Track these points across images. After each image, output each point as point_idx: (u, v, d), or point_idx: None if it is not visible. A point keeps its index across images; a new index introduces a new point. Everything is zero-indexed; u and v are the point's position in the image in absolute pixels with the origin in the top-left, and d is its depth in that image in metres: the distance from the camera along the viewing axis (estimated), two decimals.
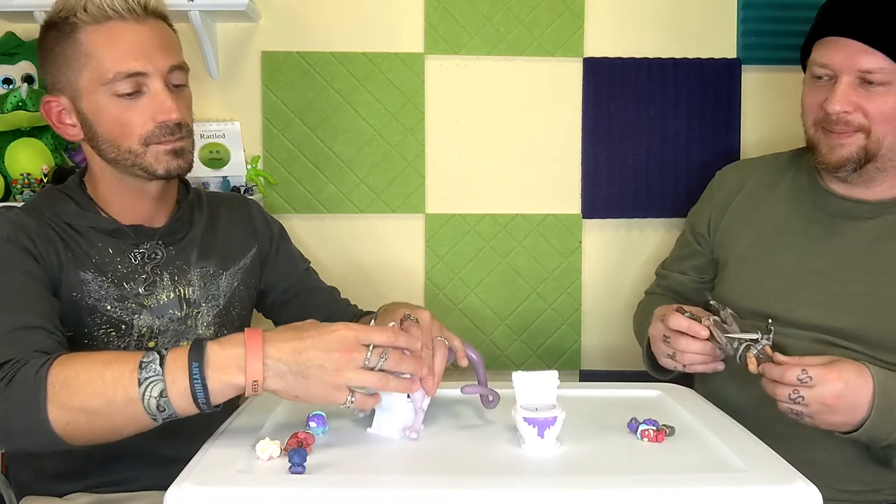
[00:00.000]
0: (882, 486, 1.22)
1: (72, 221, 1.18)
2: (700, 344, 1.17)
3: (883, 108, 1.16)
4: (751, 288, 1.29)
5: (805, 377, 1.04)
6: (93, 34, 1.11)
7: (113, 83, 1.11)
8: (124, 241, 1.20)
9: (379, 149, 1.73)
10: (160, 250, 1.23)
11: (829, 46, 1.19)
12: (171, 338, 1.21)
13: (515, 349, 1.78)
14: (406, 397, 0.95)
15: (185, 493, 0.79)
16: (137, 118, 1.13)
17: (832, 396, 1.05)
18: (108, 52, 1.10)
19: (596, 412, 1.06)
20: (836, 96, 1.17)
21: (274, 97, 1.70)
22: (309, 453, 0.87)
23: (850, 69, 1.17)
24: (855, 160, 1.20)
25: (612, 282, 1.78)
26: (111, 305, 1.17)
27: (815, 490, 0.80)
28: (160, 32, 1.15)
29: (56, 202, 1.20)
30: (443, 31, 1.72)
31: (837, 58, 1.18)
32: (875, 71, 1.15)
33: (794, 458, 0.88)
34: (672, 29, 1.74)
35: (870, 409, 1.06)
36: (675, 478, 0.84)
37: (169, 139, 1.15)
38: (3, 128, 1.59)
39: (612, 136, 1.74)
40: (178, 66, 1.16)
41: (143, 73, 1.12)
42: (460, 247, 1.76)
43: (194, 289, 1.25)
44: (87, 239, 1.18)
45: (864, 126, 1.18)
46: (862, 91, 1.17)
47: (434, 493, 0.80)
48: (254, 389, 0.90)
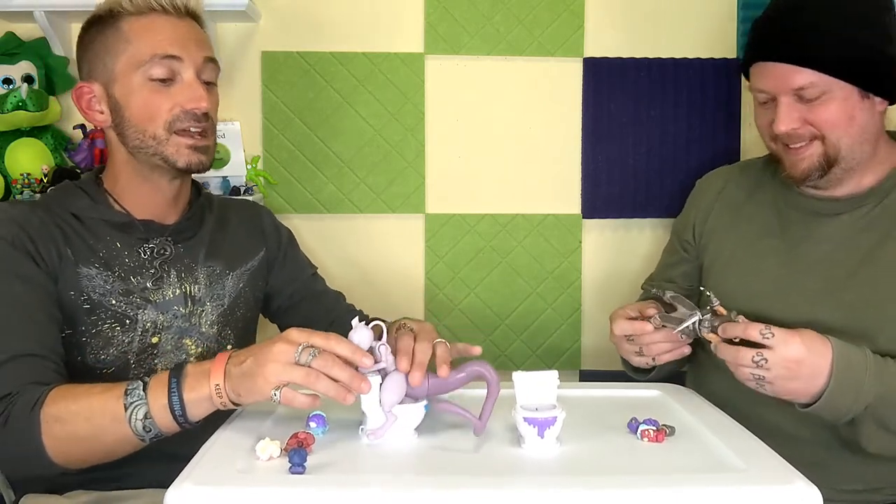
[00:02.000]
0: (882, 485, 1.22)
1: (82, 214, 1.21)
2: (660, 334, 1.19)
3: (827, 116, 1.20)
4: (737, 291, 1.30)
5: (768, 333, 1.05)
6: (134, 23, 1.18)
7: (149, 65, 1.17)
8: (133, 235, 1.23)
9: (379, 149, 1.73)
10: (169, 247, 1.25)
11: (761, 72, 1.24)
12: (174, 334, 1.22)
13: (515, 349, 1.78)
14: (378, 402, 0.94)
15: (185, 493, 0.79)
16: (166, 104, 1.18)
17: (794, 360, 1.06)
18: (146, 38, 1.17)
19: (596, 412, 1.06)
20: (780, 118, 1.21)
21: (274, 97, 1.70)
22: (309, 453, 0.87)
23: (784, 90, 1.20)
24: (818, 168, 1.23)
25: (612, 282, 1.78)
26: (116, 300, 1.18)
27: (816, 490, 0.80)
28: (196, 30, 1.22)
29: (68, 195, 1.23)
30: (443, 31, 1.72)
31: (770, 82, 1.22)
32: (807, 87, 1.19)
33: (794, 457, 0.88)
34: (672, 29, 1.74)
35: (829, 377, 1.07)
36: (675, 478, 0.84)
37: (193, 131, 1.19)
38: (3, 128, 1.59)
39: (612, 136, 1.74)
40: (211, 59, 1.22)
41: (178, 58, 1.17)
42: (460, 247, 1.76)
43: (200, 286, 1.26)
44: (94, 233, 1.20)
45: (818, 135, 1.21)
46: (803, 106, 1.21)
47: (434, 492, 0.80)
48: (219, 396, 0.97)
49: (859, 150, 1.22)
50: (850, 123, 1.20)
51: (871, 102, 1.21)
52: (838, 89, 1.18)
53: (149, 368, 1.20)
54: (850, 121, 1.20)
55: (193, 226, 1.30)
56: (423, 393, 0.96)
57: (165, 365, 1.22)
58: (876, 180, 1.26)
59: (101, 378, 1.18)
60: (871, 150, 1.24)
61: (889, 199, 1.25)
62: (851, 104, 1.19)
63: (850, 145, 1.21)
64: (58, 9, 1.57)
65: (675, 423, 1.00)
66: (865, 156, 1.24)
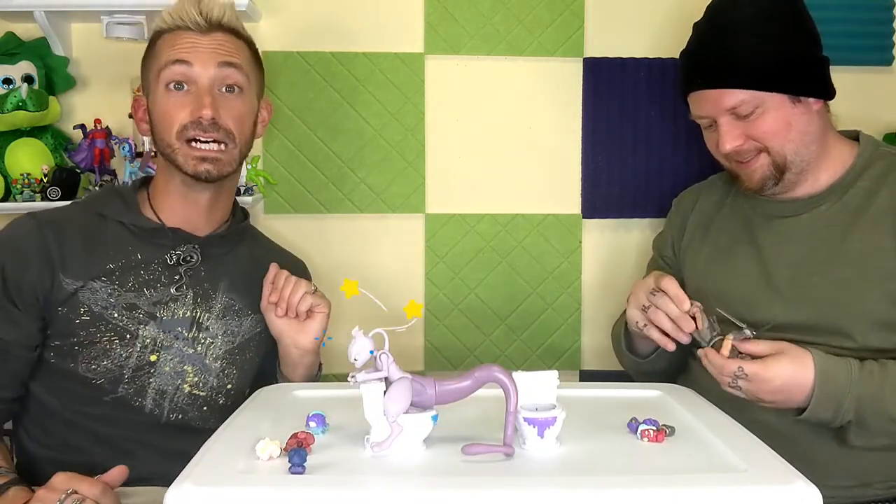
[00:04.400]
0: (873, 480, 1.23)
1: (110, 217, 1.25)
2: (678, 311, 1.23)
3: (765, 128, 1.26)
4: (715, 299, 1.33)
5: (742, 373, 1.13)
6: (166, 38, 1.25)
7: (165, 72, 1.22)
8: (160, 241, 1.25)
9: (379, 149, 1.73)
10: (195, 254, 1.27)
11: (697, 100, 1.32)
12: (174, 356, 1.23)
13: (515, 349, 1.78)
14: (381, 412, 0.90)
15: (185, 493, 0.79)
16: (178, 112, 1.22)
17: (768, 396, 1.15)
18: (168, 48, 1.24)
19: (596, 412, 1.06)
20: (723, 139, 1.28)
21: (274, 97, 1.70)
22: (309, 453, 0.87)
23: (720, 112, 1.27)
24: (771, 177, 1.29)
25: (612, 282, 1.78)
26: (119, 313, 1.20)
27: (815, 490, 0.80)
28: (221, 42, 1.25)
29: (103, 197, 1.30)
30: (443, 31, 1.72)
31: (706, 107, 1.29)
32: (739, 105, 1.25)
33: (783, 454, 0.89)
34: (672, 29, 1.73)
35: (810, 396, 1.14)
36: (675, 478, 0.84)
37: (200, 140, 1.22)
38: (3, 128, 1.59)
39: (612, 136, 1.74)
40: (229, 63, 1.24)
41: (188, 63, 1.21)
42: (460, 247, 1.76)
43: (211, 316, 1.27)
44: (116, 242, 1.23)
45: (762, 147, 1.27)
46: (742, 123, 1.27)
47: (434, 492, 0.80)
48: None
49: (805, 152, 1.28)
50: (789, 130, 1.26)
51: (806, 105, 1.26)
52: (769, 100, 1.24)
53: (141, 386, 1.21)
54: (788, 127, 1.26)
55: (224, 244, 1.32)
56: (431, 401, 0.92)
57: (160, 386, 1.22)
58: (832, 178, 1.30)
59: (92, 387, 1.19)
60: (818, 150, 1.29)
61: (848, 196, 1.29)
62: (785, 112, 1.25)
63: (794, 150, 1.27)
64: (58, 9, 1.57)
65: (675, 423, 1.00)
66: (813, 156, 1.29)
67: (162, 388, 1.22)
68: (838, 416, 1.15)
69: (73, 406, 1.21)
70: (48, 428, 1.23)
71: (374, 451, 0.90)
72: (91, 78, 1.70)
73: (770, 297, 1.29)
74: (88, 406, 1.21)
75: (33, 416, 1.25)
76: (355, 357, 0.91)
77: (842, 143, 1.33)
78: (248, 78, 1.27)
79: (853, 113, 1.36)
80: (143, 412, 1.22)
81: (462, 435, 0.96)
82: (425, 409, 0.92)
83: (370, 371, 0.92)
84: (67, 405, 1.21)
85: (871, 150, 1.31)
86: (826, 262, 1.26)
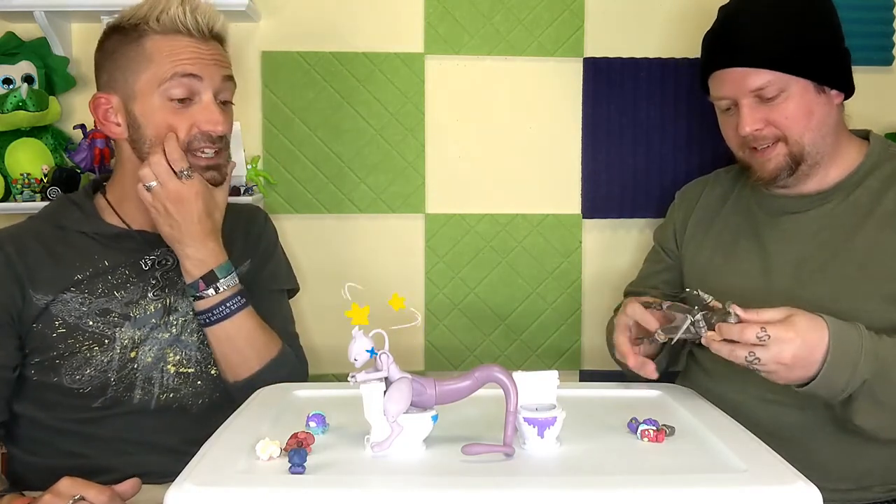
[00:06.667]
0: (872, 482, 1.23)
1: (70, 228, 1.22)
2: (651, 347, 1.23)
3: (787, 113, 1.24)
4: (715, 293, 1.30)
5: (764, 335, 1.05)
6: (158, 42, 1.18)
7: (169, 84, 1.18)
8: (127, 246, 1.23)
9: (379, 149, 1.73)
10: (171, 256, 1.25)
11: (719, 79, 1.29)
12: (151, 345, 1.22)
13: (515, 349, 1.78)
14: (381, 412, 0.90)
15: (185, 493, 0.79)
16: (183, 124, 1.19)
17: (789, 356, 1.05)
18: (169, 58, 1.18)
19: (596, 412, 1.06)
20: (743, 121, 1.25)
21: (274, 97, 1.70)
22: (309, 453, 0.87)
23: (743, 93, 1.25)
24: (786, 168, 1.27)
25: (612, 282, 1.78)
26: (93, 321, 1.20)
27: (816, 490, 0.80)
28: (218, 51, 1.25)
29: (59, 210, 1.26)
30: (443, 31, 1.72)
31: (729, 88, 1.27)
32: (765, 86, 1.23)
33: (785, 454, 0.89)
34: (672, 29, 1.74)
35: (823, 360, 1.06)
36: (675, 478, 0.84)
37: (206, 153, 1.21)
38: (3, 128, 1.59)
39: (612, 136, 1.74)
40: (229, 77, 1.24)
41: (198, 77, 1.19)
42: (460, 247, 1.76)
43: (178, 297, 1.26)
44: (80, 251, 1.21)
45: (780, 135, 1.25)
46: (763, 107, 1.24)
47: (434, 492, 0.80)
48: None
49: (822, 144, 1.26)
50: (810, 118, 1.24)
51: (828, 96, 1.26)
52: (795, 85, 1.23)
53: (129, 382, 1.21)
54: (810, 116, 1.24)
55: None
56: (431, 401, 0.92)
57: (145, 375, 1.22)
58: (840, 175, 1.30)
59: (80, 396, 1.19)
60: (833, 144, 1.28)
61: (854, 195, 1.28)
62: (809, 99, 1.24)
63: (812, 140, 1.25)
64: (58, 9, 1.57)
65: (675, 423, 1.00)
66: (828, 149, 1.28)
67: (148, 376, 1.22)
68: (853, 379, 1.08)
69: (62, 416, 1.21)
70: (39, 438, 1.23)
71: (374, 451, 0.90)
72: (91, 78, 1.67)
73: (772, 294, 1.27)
74: (78, 412, 1.21)
75: (23, 431, 1.24)
76: (355, 357, 0.91)
77: (852, 142, 1.33)
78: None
79: (853, 112, 1.35)
80: (132, 403, 1.21)
81: (462, 435, 0.96)
82: (425, 409, 0.92)
83: (370, 371, 0.92)
84: (57, 416, 1.21)
85: (880, 150, 1.30)
86: (830, 261, 1.25)
